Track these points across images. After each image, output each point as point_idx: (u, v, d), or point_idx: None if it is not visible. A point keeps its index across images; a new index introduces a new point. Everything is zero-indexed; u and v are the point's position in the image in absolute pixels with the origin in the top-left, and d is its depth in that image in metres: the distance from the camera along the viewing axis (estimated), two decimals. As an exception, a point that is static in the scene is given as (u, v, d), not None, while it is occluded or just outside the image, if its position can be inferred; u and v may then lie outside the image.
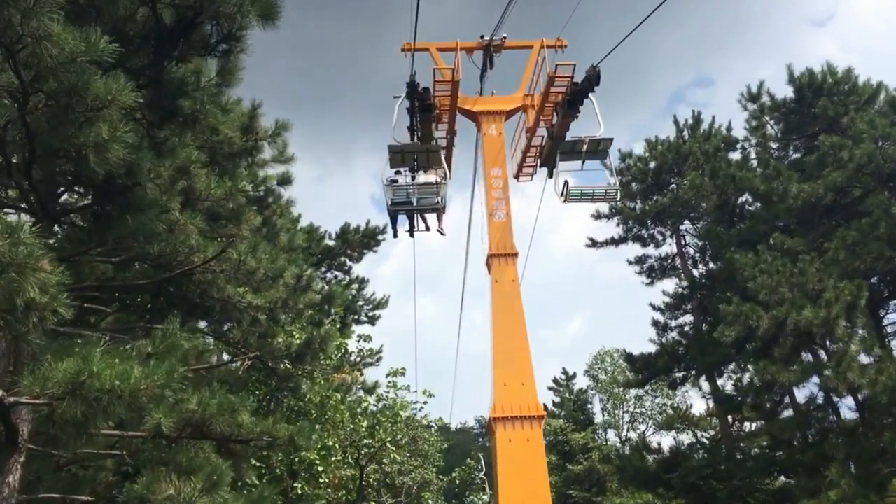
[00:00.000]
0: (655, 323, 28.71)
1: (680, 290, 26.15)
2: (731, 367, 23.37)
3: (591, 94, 17.92)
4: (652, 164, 27.54)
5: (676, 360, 28.57)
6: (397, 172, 16.68)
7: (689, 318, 28.71)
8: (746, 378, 21.15)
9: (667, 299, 27.84)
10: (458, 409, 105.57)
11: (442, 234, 17.17)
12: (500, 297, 22.60)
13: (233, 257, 11.22)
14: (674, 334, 29.09)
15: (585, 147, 18.17)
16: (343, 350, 15.62)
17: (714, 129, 27.58)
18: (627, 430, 45.68)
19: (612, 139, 18.16)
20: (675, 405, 43.84)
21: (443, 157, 17.33)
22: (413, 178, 16.29)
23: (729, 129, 26.62)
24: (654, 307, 28.55)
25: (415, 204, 16.02)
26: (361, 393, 15.39)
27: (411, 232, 17.22)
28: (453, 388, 74.62)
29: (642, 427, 47.68)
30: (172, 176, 9.40)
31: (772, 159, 23.89)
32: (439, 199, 16.18)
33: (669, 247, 28.44)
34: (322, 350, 12.50)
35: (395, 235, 17.08)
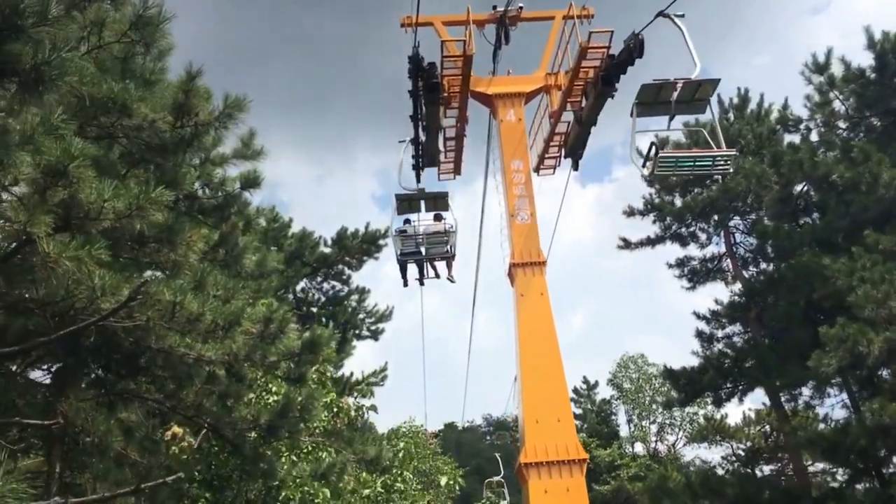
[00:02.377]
0: (700, 334, 25.02)
1: (735, 297, 22.42)
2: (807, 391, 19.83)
3: (678, 21, 13.20)
4: (694, 151, 23.64)
5: (724, 375, 24.99)
6: (406, 222, 16.59)
7: (737, 327, 25.06)
8: (830, 408, 17.65)
9: (714, 306, 24.14)
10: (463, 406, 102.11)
11: (452, 281, 16.88)
12: (527, 315, 18.94)
13: (164, 298, 7.55)
14: (720, 346, 25.48)
15: (676, 94, 12.23)
16: (336, 410, 11.93)
17: (764, 109, 23.78)
18: (656, 442, 41.93)
19: (717, 80, 12.51)
20: (708, 414, 40.25)
21: (450, 202, 16.67)
22: (419, 225, 16.40)
23: (785, 107, 22.88)
24: (698, 316, 24.82)
25: (424, 254, 16.12)
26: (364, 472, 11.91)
27: (421, 280, 16.92)
28: (465, 391, 71.41)
29: (671, 438, 44.04)
30: (39, 182, 5.70)
31: (839, 140, 20.15)
32: (448, 247, 16.17)
33: (716, 246, 24.72)
34: (304, 419, 8.85)
35: (406, 284, 16.74)
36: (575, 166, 23.34)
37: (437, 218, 16.51)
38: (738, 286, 23.81)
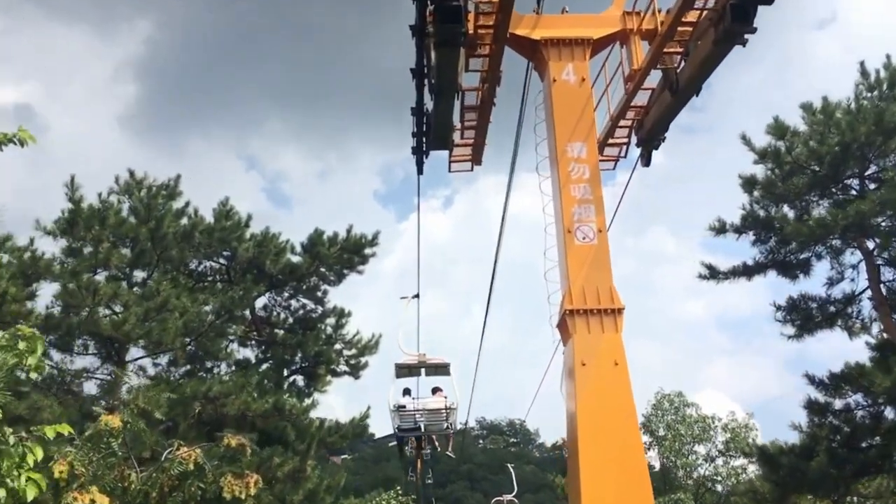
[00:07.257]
0: (811, 404, 17.67)
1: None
2: None
3: None
4: (826, 146, 16.08)
5: (839, 462, 17.90)
6: (406, 392, 16.02)
7: (858, 397, 17.82)
8: None
9: (838, 368, 16.73)
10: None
11: (451, 456, 16.66)
12: (593, 400, 11.51)
13: None
14: (832, 419, 18.33)
15: None
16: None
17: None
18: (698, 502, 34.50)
19: None
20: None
21: (452, 372, 15.52)
22: (418, 401, 15.95)
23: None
24: (812, 380, 17.38)
25: (423, 430, 15.74)
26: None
27: (419, 454, 16.88)
28: (470, 401, 63.84)
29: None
30: None
31: None
32: (448, 424, 15.59)
33: (851, 282, 17.21)
34: None
35: (402, 457, 16.83)
36: (647, 159, 16.08)
37: (437, 391, 16.03)
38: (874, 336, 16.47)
